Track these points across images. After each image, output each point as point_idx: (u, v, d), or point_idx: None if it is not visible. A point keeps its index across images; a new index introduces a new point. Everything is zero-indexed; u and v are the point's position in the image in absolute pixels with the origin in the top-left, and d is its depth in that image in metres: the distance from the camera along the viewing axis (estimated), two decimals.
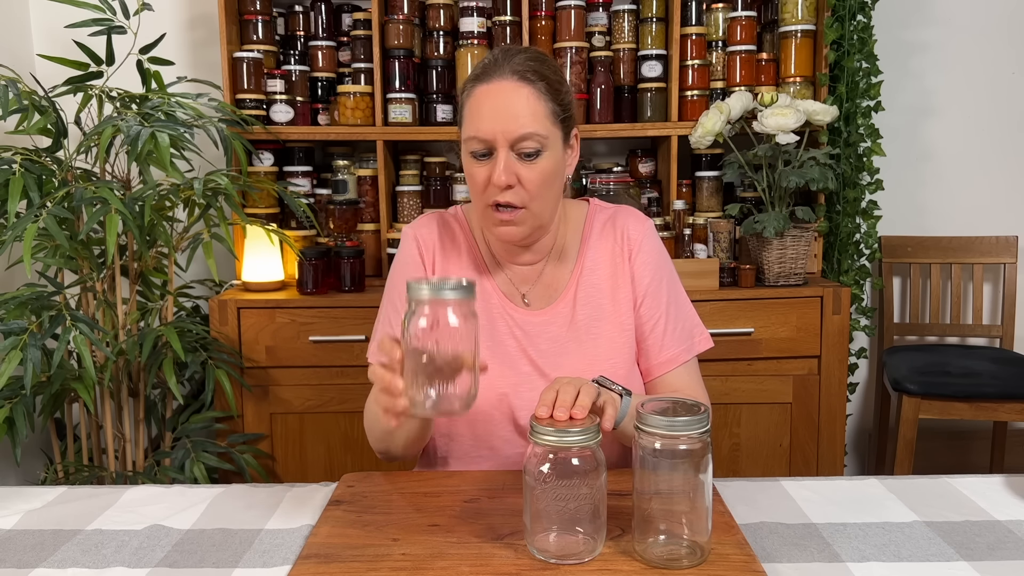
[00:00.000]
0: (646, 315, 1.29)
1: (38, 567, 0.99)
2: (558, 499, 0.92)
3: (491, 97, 1.17)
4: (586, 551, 0.93)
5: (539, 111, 1.17)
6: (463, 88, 1.23)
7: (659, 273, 1.31)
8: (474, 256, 1.32)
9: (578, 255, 1.32)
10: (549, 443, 0.91)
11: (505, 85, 1.17)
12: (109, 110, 2.05)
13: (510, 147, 1.17)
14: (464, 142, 1.21)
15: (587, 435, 0.91)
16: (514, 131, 1.16)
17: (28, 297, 1.82)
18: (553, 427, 0.91)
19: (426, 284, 0.90)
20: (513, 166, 1.17)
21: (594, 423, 0.93)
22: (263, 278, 2.27)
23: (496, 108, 1.17)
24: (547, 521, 0.93)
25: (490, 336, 1.27)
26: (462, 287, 0.90)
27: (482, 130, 1.17)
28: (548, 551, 0.93)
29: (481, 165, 1.19)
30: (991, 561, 0.97)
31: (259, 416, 2.20)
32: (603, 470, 0.92)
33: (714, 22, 2.46)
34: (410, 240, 1.34)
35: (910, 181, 2.71)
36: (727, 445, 2.26)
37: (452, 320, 0.90)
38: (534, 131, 1.16)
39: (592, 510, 0.92)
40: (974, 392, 2.25)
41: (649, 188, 2.50)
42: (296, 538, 1.04)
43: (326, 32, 2.46)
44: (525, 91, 1.17)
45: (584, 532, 0.93)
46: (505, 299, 1.30)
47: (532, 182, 1.18)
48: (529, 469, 0.92)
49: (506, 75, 1.18)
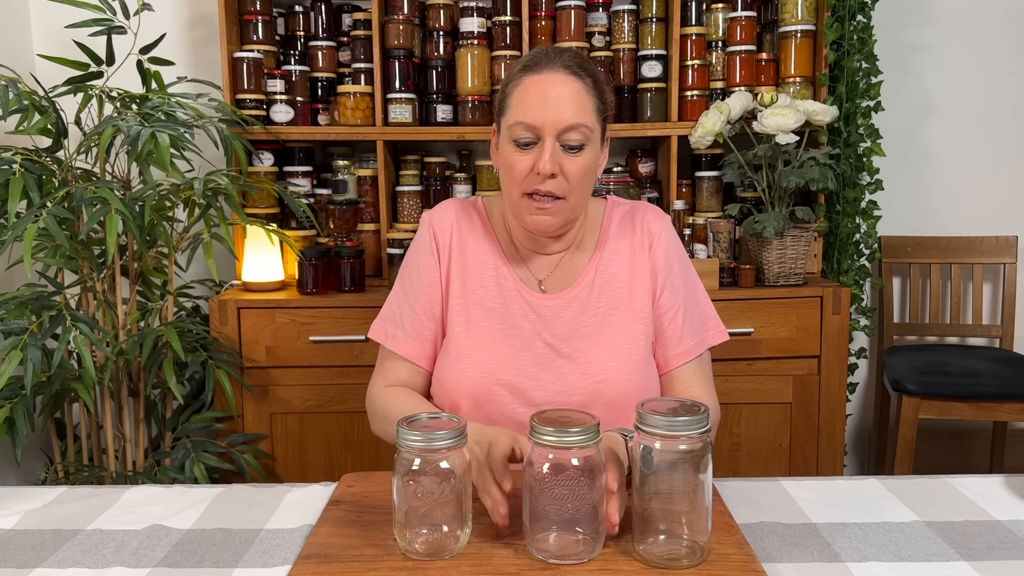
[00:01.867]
0: (666, 306, 1.31)
1: (38, 567, 0.99)
2: (557, 499, 0.92)
3: (542, 86, 1.20)
4: (586, 551, 0.93)
5: (587, 105, 1.21)
6: (509, 78, 1.25)
7: (678, 265, 1.33)
8: (492, 243, 1.34)
9: (597, 245, 1.34)
10: (549, 444, 0.91)
11: (556, 77, 1.20)
12: (109, 110, 2.05)
13: (556, 137, 1.19)
14: (507, 129, 1.23)
15: (587, 435, 0.91)
16: (563, 121, 1.18)
17: (28, 297, 1.82)
18: (553, 427, 0.91)
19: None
20: (558, 156, 1.20)
21: (595, 422, 0.93)
22: (263, 278, 2.27)
23: (546, 97, 1.19)
24: (546, 521, 0.93)
25: (504, 319, 1.29)
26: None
27: (530, 117, 1.19)
28: (548, 551, 0.93)
29: (523, 154, 1.21)
30: (991, 561, 0.97)
31: (259, 416, 2.20)
32: (603, 471, 0.92)
33: (714, 22, 2.46)
34: (426, 225, 1.36)
35: (910, 181, 2.71)
36: (727, 445, 2.26)
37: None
38: (582, 122, 1.19)
39: (592, 511, 0.92)
40: (974, 392, 2.25)
41: (649, 188, 2.50)
42: (296, 538, 1.04)
43: (326, 32, 2.46)
44: (575, 84, 1.20)
45: (584, 532, 0.93)
46: (521, 283, 1.31)
47: (574, 174, 1.20)
48: (529, 469, 0.92)
49: (557, 68, 1.21)
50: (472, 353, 1.27)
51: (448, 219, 1.35)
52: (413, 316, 1.32)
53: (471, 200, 1.40)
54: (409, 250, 1.38)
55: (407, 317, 1.33)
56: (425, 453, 0.91)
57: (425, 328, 1.32)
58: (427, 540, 0.93)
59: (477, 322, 1.29)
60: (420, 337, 1.32)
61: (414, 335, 1.32)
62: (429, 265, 1.33)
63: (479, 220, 1.36)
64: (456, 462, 0.92)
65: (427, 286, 1.32)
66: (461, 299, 1.31)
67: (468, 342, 1.28)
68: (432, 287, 1.32)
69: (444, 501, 0.92)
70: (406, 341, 1.32)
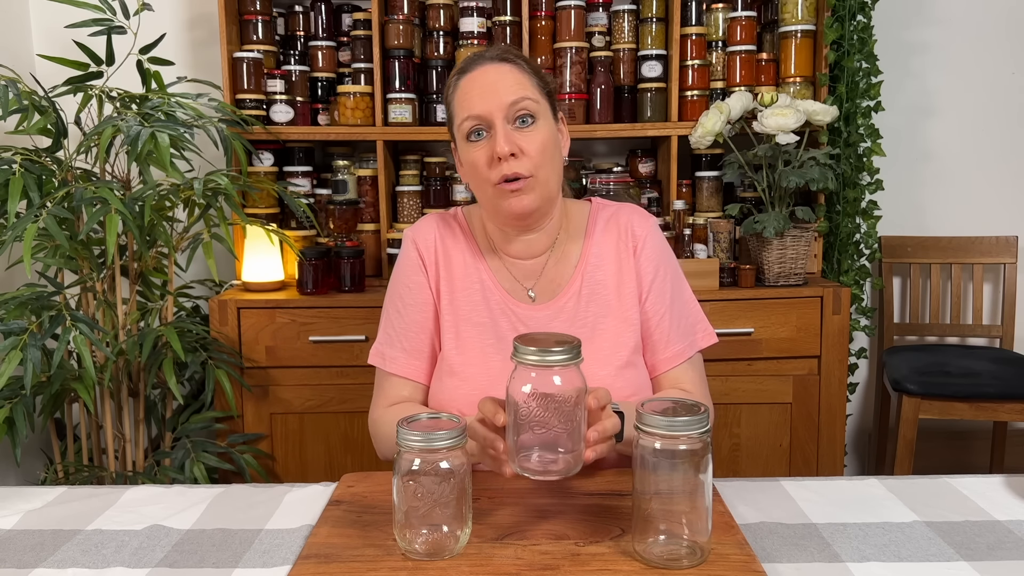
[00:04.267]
0: (651, 310, 1.30)
1: (38, 567, 0.99)
2: (539, 418, 0.94)
3: (478, 80, 1.24)
4: (566, 469, 0.96)
5: (524, 81, 1.24)
6: (447, 89, 1.29)
7: (664, 269, 1.32)
8: (476, 255, 1.34)
9: (582, 251, 1.33)
10: (531, 363, 0.93)
11: (487, 68, 1.25)
12: (109, 110, 2.05)
13: (505, 118, 1.21)
14: (459, 130, 1.25)
15: (568, 355, 0.93)
16: (506, 100, 1.21)
17: (28, 297, 1.82)
18: (536, 347, 0.93)
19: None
20: (512, 135, 1.21)
21: (577, 342, 0.95)
22: (263, 278, 2.27)
23: (485, 86, 1.23)
24: (530, 438, 0.96)
25: (493, 333, 1.28)
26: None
27: (475, 108, 1.22)
28: (530, 468, 0.96)
29: (480, 147, 1.23)
30: (991, 561, 0.97)
31: (259, 416, 2.20)
32: (584, 391, 0.95)
33: (714, 22, 2.46)
34: (409, 243, 1.36)
35: (910, 181, 2.71)
36: (727, 445, 2.26)
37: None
38: (523, 96, 1.22)
39: (573, 429, 0.95)
40: (974, 392, 2.25)
41: (649, 188, 2.50)
42: (296, 538, 1.04)
43: (326, 32, 2.46)
44: (506, 67, 1.25)
45: (565, 451, 0.96)
46: (507, 295, 1.30)
47: (534, 149, 1.22)
48: (512, 389, 0.95)
49: (485, 61, 1.25)
50: (464, 370, 1.27)
51: (431, 235, 1.35)
52: (410, 335, 1.32)
53: (451, 212, 1.40)
54: (395, 270, 1.37)
55: (404, 337, 1.32)
56: (425, 453, 0.91)
57: (423, 345, 1.32)
58: (427, 540, 0.93)
59: (467, 339, 1.29)
60: (420, 355, 1.32)
61: (414, 354, 1.32)
62: (419, 283, 1.33)
63: (460, 233, 1.36)
64: (456, 462, 0.92)
65: (421, 304, 1.32)
66: (450, 316, 1.30)
67: (459, 359, 1.28)
68: (426, 305, 1.32)
69: (444, 501, 0.92)
70: (407, 362, 1.32)
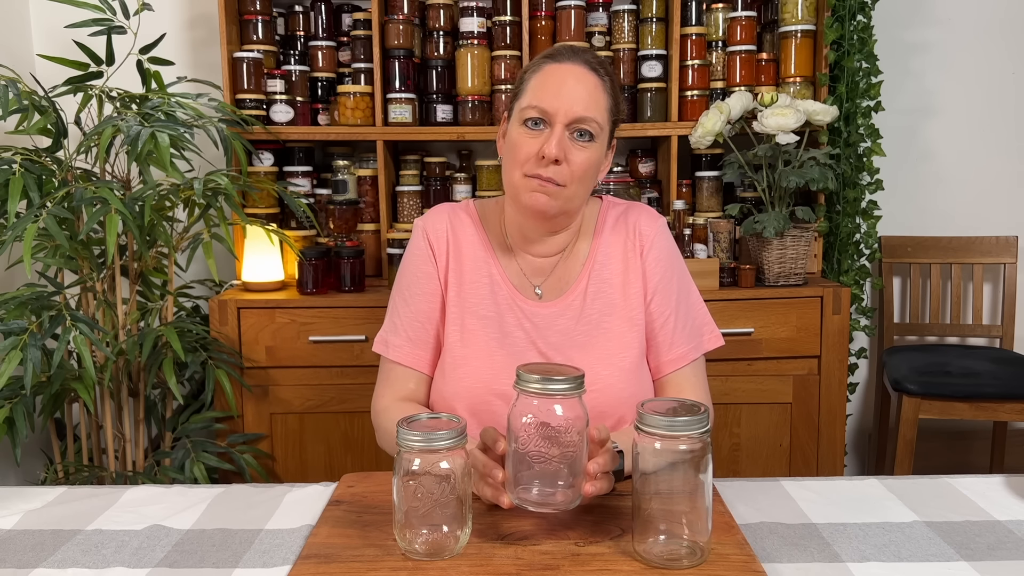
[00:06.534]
0: (656, 312, 1.30)
1: (38, 567, 0.99)
2: (540, 448, 0.94)
3: (561, 75, 1.22)
4: (565, 502, 0.96)
5: (601, 102, 1.23)
6: (529, 65, 1.27)
7: (670, 270, 1.32)
8: (486, 248, 1.33)
9: (590, 249, 1.33)
10: (534, 392, 0.93)
11: (576, 69, 1.23)
12: (109, 110, 2.05)
13: (566, 126, 1.20)
14: (520, 111, 1.24)
15: (571, 385, 0.93)
16: (576, 111, 1.20)
17: (28, 297, 1.82)
18: (539, 375, 0.93)
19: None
20: (565, 144, 1.20)
21: (580, 373, 0.95)
22: (263, 278, 2.27)
23: (563, 86, 1.21)
24: (529, 470, 0.95)
25: (498, 328, 1.28)
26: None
27: (545, 102, 1.20)
28: (529, 500, 0.96)
29: (532, 136, 1.22)
30: (991, 561, 0.97)
31: (259, 416, 2.20)
32: (586, 424, 0.95)
33: (714, 22, 2.46)
34: (420, 232, 1.35)
35: (910, 181, 2.71)
36: (727, 445, 2.26)
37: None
38: (593, 117, 1.21)
39: (573, 461, 0.95)
40: (974, 392, 2.25)
41: (649, 188, 2.50)
42: (296, 538, 1.04)
43: (326, 32, 2.46)
44: (593, 79, 1.23)
45: (564, 484, 0.95)
46: (515, 291, 1.31)
47: (578, 165, 1.21)
48: (513, 418, 0.94)
49: (578, 61, 1.23)
50: (467, 363, 1.27)
51: (442, 225, 1.34)
52: (417, 325, 1.32)
53: (462, 204, 1.39)
54: (405, 259, 1.36)
55: (410, 327, 1.32)
56: (425, 453, 0.91)
57: (428, 335, 1.32)
58: (427, 540, 0.93)
59: (472, 331, 1.28)
60: (425, 346, 1.32)
61: (419, 344, 1.32)
62: (428, 272, 1.32)
63: (472, 225, 1.35)
64: (456, 462, 0.92)
65: (429, 294, 1.32)
66: (457, 307, 1.30)
67: (463, 351, 1.28)
68: (433, 295, 1.32)
69: (444, 501, 0.92)
70: (411, 351, 1.32)
